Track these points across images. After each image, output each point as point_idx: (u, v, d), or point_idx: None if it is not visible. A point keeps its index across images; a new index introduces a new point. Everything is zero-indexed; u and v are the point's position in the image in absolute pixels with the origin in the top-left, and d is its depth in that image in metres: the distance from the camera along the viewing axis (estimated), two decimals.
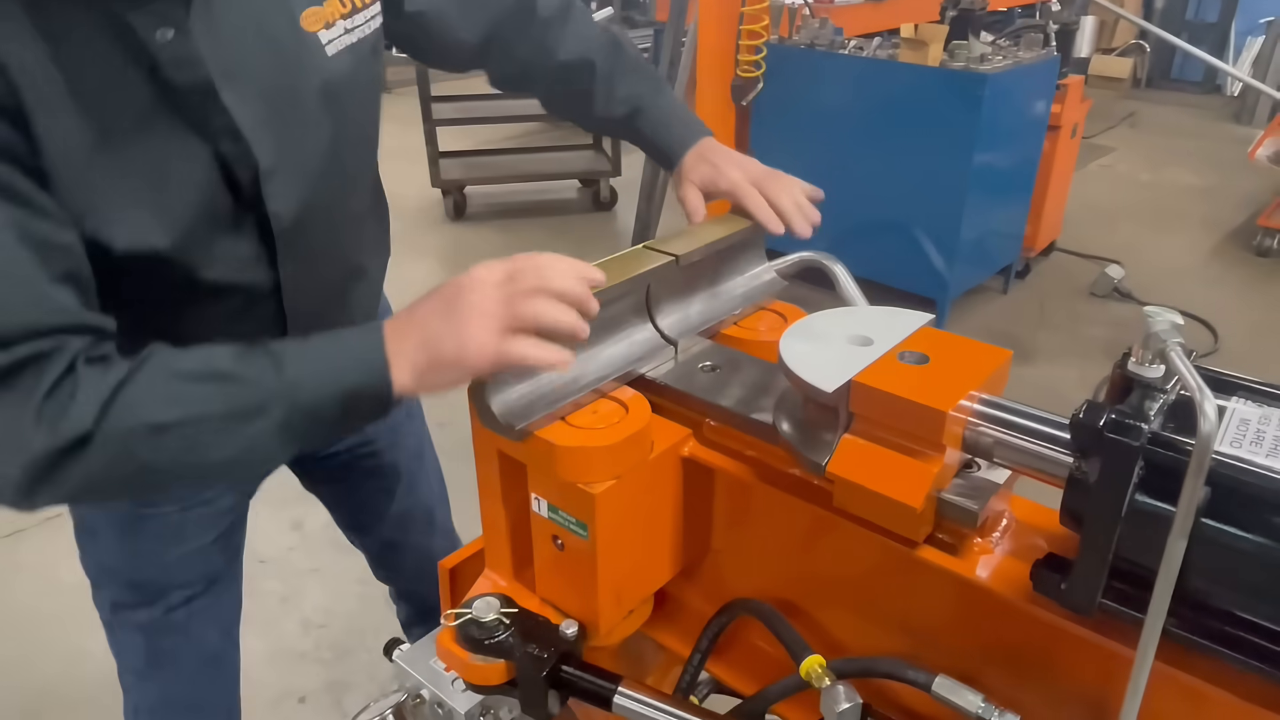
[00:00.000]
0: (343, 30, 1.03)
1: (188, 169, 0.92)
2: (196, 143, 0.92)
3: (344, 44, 1.03)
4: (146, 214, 0.91)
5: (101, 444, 0.77)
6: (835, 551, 0.87)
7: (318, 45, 1.00)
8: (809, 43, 4.02)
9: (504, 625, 0.89)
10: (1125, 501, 0.63)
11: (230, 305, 1.04)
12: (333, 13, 1.02)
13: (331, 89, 1.02)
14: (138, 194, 0.89)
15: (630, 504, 0.86)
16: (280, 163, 0.98)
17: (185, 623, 1.28)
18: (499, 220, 5.48)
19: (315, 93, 1.00)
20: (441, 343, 0.81)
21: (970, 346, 0.82)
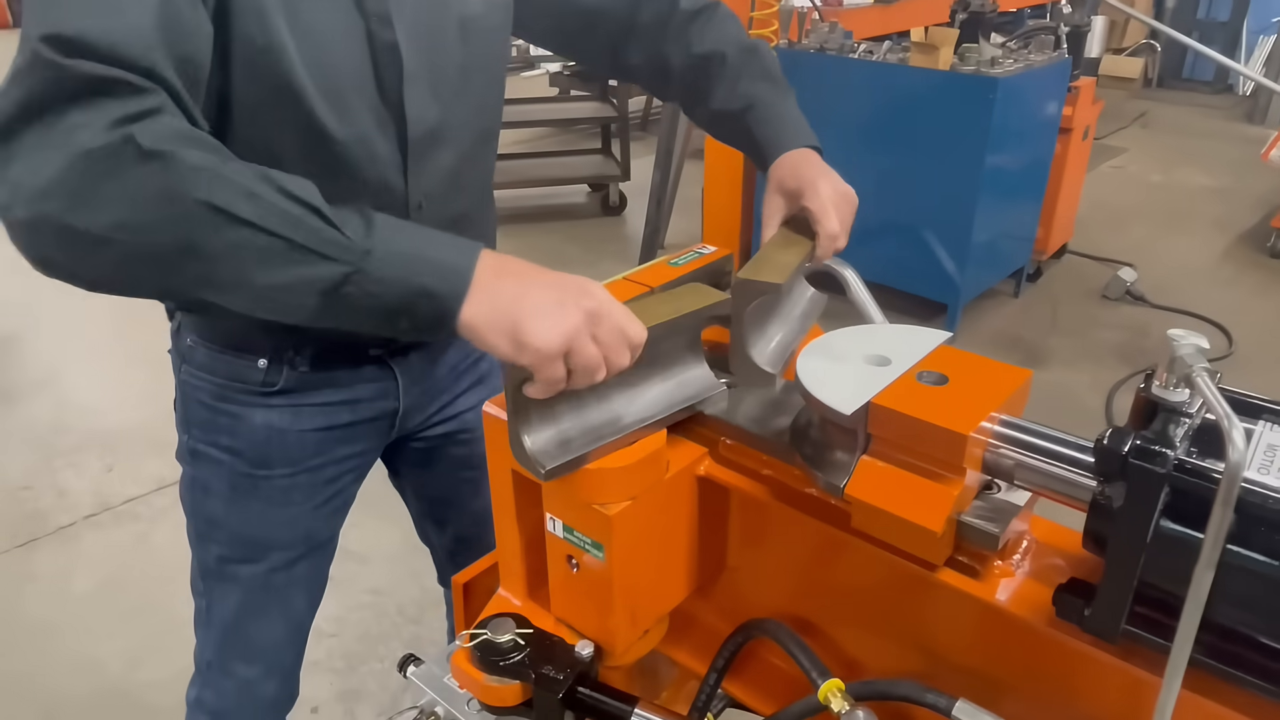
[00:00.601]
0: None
1: (347, 42, 0.98)
2: (356, 17, 0.98)
3: None
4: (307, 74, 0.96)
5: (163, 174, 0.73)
6: (852, 572, 0.87)
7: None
8: (818, 47, 4.01)
9: (519, 646, 0.89)
10: (1150, 528, 0.62)
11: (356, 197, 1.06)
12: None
13: (467, 26, 1.08)
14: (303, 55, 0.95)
15: (646, 524, 0.86)
16: (421, 72, 1.04)
17: (283, 586, 1.33)
18: (509, 225, 5.49)
19: (454, 24, 1.07)
20: (523, 306, 0.78)
21: (989, 366, 0.81)
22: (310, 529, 1.33)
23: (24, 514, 2.90)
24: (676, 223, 4.97)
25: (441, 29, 1.06)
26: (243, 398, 1.20)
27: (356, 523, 2.93)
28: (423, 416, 1.38)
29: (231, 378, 1.20)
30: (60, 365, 3.79)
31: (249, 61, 0.94)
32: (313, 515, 1.32)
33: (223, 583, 1.32)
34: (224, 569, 1.31)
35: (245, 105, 0.97)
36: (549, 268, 0.84)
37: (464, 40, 1.09)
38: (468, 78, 1.11)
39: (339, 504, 1.36)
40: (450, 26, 1.07)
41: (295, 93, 0.96)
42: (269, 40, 0.93)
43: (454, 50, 1.08)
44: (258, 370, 1.19)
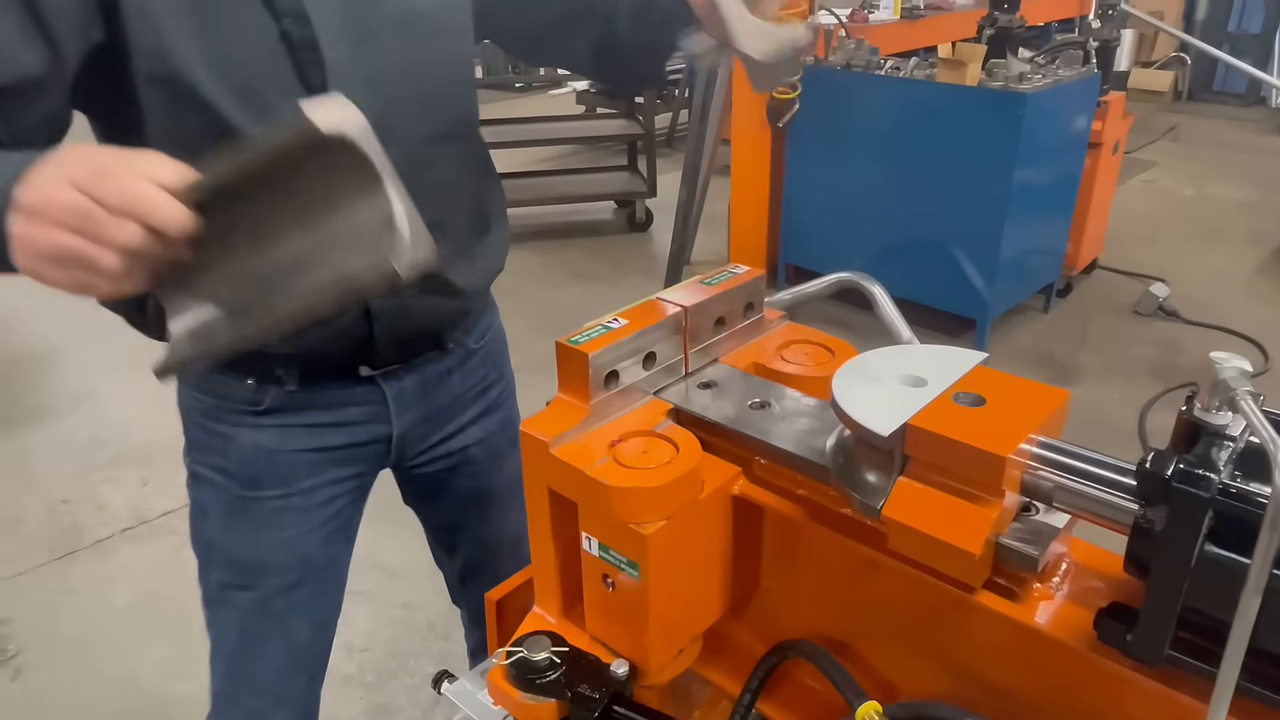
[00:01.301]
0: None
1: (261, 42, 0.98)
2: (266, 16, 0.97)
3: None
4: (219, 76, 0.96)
5: None
6: (888, 593, 0.87)
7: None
8: (845, 63, 4.02)
9: (555, 664, 0.89)
10: (1194, 552, 0.62)
11: None
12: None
13: (409, 24, 1.06)
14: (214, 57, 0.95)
15: (682, 543, 0.86)
16: (350, 70, 1.02)
17: (283, 613, 1.31)
18: (536, 241, 5.53)
19: (390, 20, 1.05)
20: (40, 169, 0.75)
21: (1026, 387, 0.81)
22: (306, 553, 1.31)
23: (62, 528, 2.95)
24: (702, 239, 4.98)
25: (374, 25, 1.05)
26: (233, 417, 1.21)
27: (387, 536, 2.96)
28: (424, 445, 1.37)
29: (222, 396, 1.20)
30: (97, 380, 3.86)
31: (148, 69, 0.95)
32: (308, 539, 1.31)
33: (223, 609, 1.32)
34: (224, 595, 1.31)
35: (155, 112, 0.98)
36: (576, 283, 0.84)
37: (406, 37, 1.07)
38: (412, 76, 1.09)
39: (336, 527, 1.34)
40: (384, 23, 1.05)
41: (202, 98, 0.97)
42: (163, 45, 0.93)
43: (393, 48, 1.06)
44: (246, 389, 1.19)
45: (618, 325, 0.94)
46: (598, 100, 6.92)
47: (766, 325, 1.12)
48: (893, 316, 1.26)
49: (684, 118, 7.05)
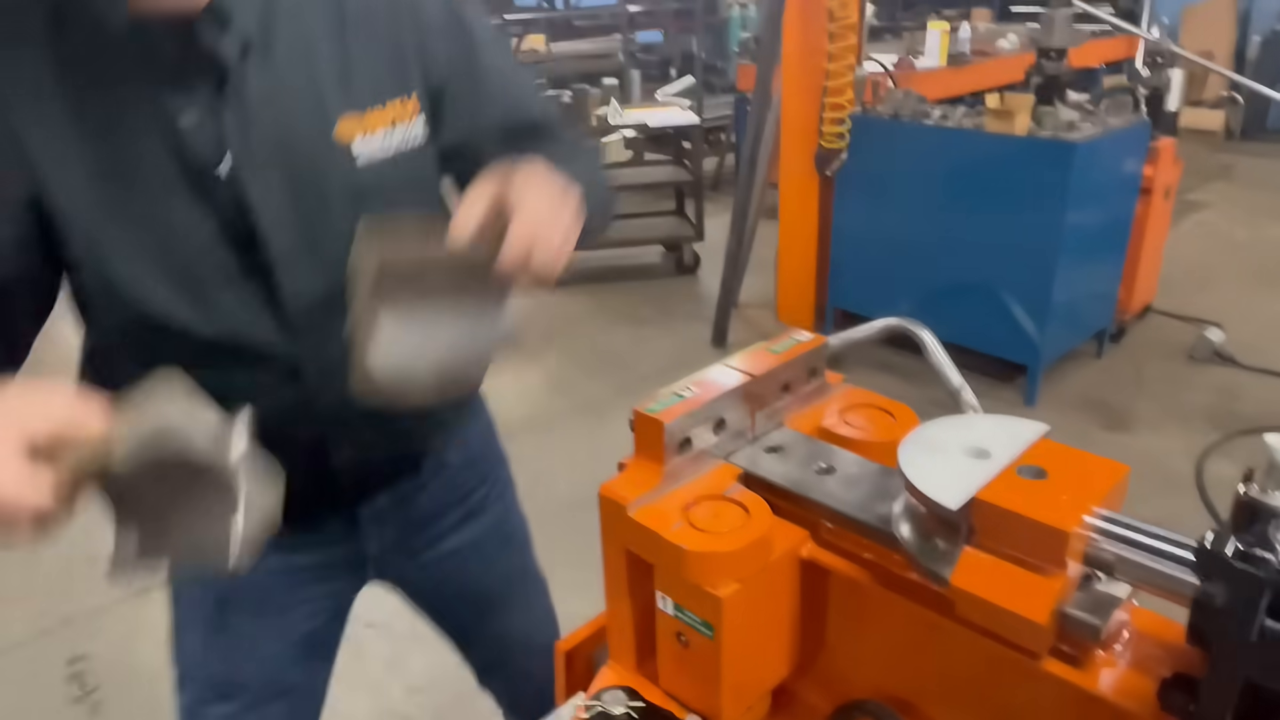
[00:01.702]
0: (379, 144, 1.05)
1: (197, 235, 0.98)
2: (207, 212, 0.97)
3: (380, 156, 1.05)
4: (154, 269, 0.97)
5: None
6: (952, 655, 0.90)
7: (347, 156, 1.03)
8: (893, 113, 4.07)
9: (632, 719, 0.93)
10: (1255, 628, 0.65)
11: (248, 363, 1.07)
12: (372, 125, 1.04)
13: (362, 195, 1.04)
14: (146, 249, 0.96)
15: (754, 604, 0.90)
16: (300, 250, 1.02)
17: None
18: (585, 285, 5.63)
19: (341, 196, 1.03)
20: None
21: (1087, 460, 0.84)
22: (279, 672, 1.31)
23: None
24: (750, 283, 5.03)
25: (323, 201, 1.03)
26: None
27: None
28: (405, 558, 1.36)
29: None
30: None
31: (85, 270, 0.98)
32: (282, 658, 1.30)
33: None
34: (196, 711, 1.30)
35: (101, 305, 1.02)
36: (624, 326, 0.86)
37: (359, 208, 1.01)
38: None
39: (313, 644, 1.34)
40: (335, 199, 1.03)
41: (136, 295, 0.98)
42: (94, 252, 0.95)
43: (343, 219, 1.01)
44: None
45: (690, 394, 1.00)
46: (646, 146, 7.05)
47: (828, 389, 1.17)
48: (942, 362, 1.28)
49: (730, 162, 7.16)
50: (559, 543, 1.73)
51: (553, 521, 3.39)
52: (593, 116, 5.55)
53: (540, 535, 1.67)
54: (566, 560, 1.67)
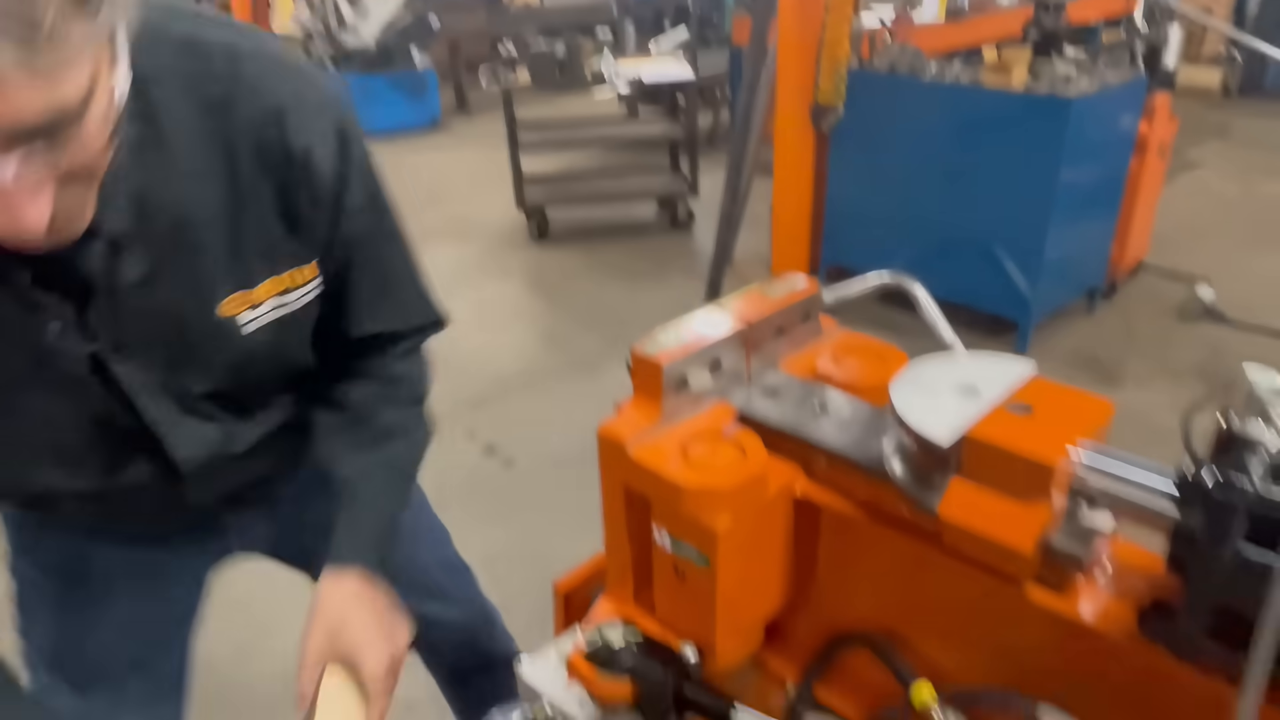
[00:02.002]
0: (271, 308, 1.03)
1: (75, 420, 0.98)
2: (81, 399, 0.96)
3: (269, 319, 1.03)
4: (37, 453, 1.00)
5: None
6: (940, 587, 0.93)
7: (232, 328, 1.01)
8: (890, 67, 4.05)
9: (631, 649, 0.97)
10: (1230, 553, 0.68)
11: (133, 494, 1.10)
12: (262, 296, 1.02)
13: (245, 359, 1.04)
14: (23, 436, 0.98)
15: (748, 540, 0.93)
16: (181, 414, 1.03)
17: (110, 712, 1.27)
18: (580, 241, 5.62)
19: (223, 365, 1.03)
20: None
21: (1072, 396, 0.87)
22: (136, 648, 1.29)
23: None
24: (744, 239, 5.02)
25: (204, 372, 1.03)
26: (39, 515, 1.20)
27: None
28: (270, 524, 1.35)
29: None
30: None
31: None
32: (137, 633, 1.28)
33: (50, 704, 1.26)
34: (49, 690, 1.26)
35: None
36: (619, 282, 0.90)
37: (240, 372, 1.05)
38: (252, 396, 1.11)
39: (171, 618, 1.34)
40: (217, 368, 1.03)
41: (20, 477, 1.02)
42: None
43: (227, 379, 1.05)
44: None
45: (687, 336, 1.02)
46: (640, 100, 6.99)
47: (821, 333, 1.19)
48: (935, 317, 1.31)
49: (725, 117, 7.11)
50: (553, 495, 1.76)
51: (547, 475, 3.44)
52: (586, 68, 5.49)
53: (534, 488, 1.69)
54: (561, 512, 1.69)
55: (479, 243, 5.59)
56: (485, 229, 5.78)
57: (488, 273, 5.22)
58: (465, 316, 4.60)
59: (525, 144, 5.40)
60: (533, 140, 5.54)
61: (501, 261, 5.36)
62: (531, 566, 2.80)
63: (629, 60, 6.32)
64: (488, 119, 8.10)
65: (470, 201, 6.28)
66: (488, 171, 6.48)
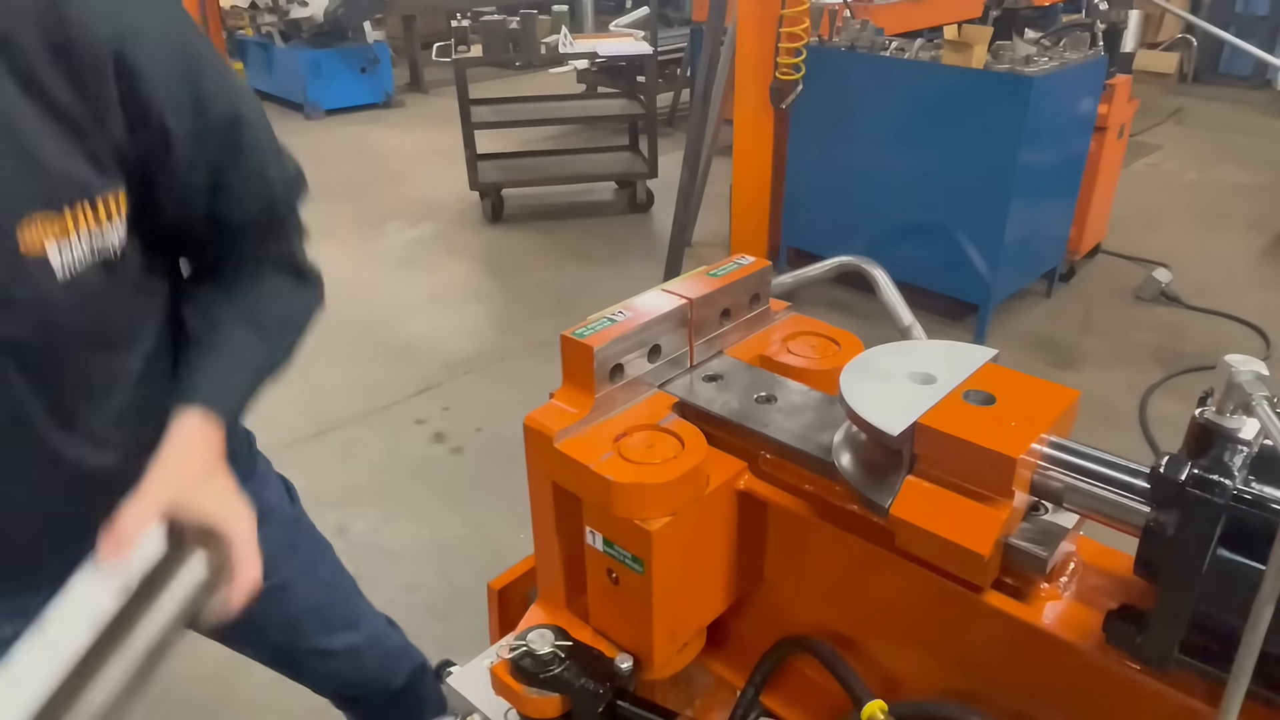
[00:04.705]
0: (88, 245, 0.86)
1: None
2: None
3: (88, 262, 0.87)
4: None
5: None
6: (893, 589, 0.86)
7: (43, 269, 0.84)
8: (850, 44, 3.98)
9: (559, 659, 0.89)
10: (1207, 557, 0.62)
11: None
12: (72, 224, 0.84)
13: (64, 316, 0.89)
14: None
15: (687, 539, 0.86)
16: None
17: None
18: (536, 222, 5.50)
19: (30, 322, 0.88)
20: None
21: (1036, 385, 0.80)
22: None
23: None
24: (704, 220, 4.95)
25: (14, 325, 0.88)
26: None
27: (386, 519, 2.96)
28: None
29: None
30: None
31: None
32: None
33: None
34: None
35: None
36: (575, 264, 0.81)
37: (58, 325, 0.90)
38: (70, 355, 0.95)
39: None
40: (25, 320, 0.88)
41: None
42: None
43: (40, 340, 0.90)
44: None
45: (623, 317, 0.93)
46: (598, 79, 6.86)
47: (772, 316, 1.11)
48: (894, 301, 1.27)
49: (685, 97, 7.01)
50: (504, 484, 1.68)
51: (497, 463, 3.35)
52: (540, 44, 5.36)
53: (484, 477, 1.60)
54: (512, 501, 1.61)
55: (431, 224, 5.45)
56: (438, 210, 5.64)
57: (440, 255, 5.09)
58: (416, 299, 4.47)
59: (480, 122, 5.26)
60: (488, 118, 5.40)
61: (454, 243, 5.23)
62: (480, 559, 2.72)
63: (586, 36, 6.19)
64: (443, 97, 7.92)
65: (422, 181, 6.12)
66: (442, 150, 6.32)
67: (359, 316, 4.14)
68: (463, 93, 5.16)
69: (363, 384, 3.70)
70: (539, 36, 5.33)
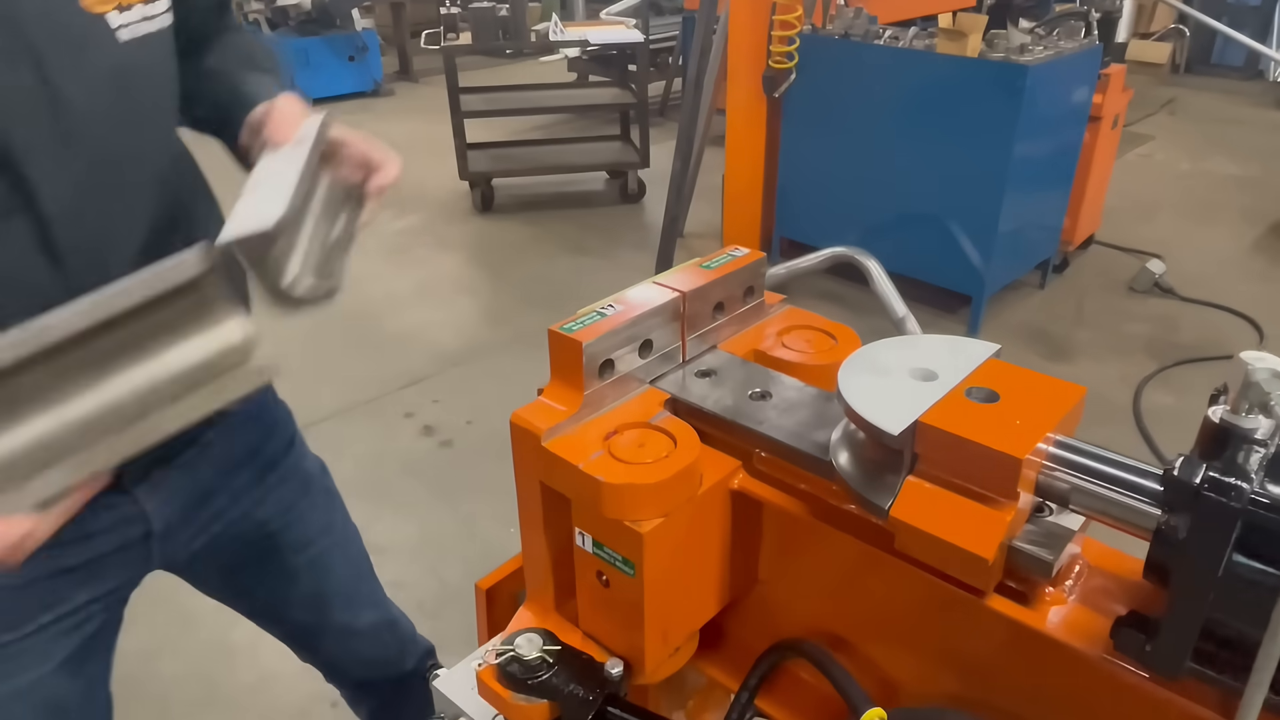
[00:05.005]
0: (140, 16, 0.93)
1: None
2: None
3: (141, 31, 0.93)
4: None
5: None
6: (892, 591, 0.83)
7: (105, 30, 0.90)
8: (843, 33, 3.95)
9: (547, 664, 0.86)
10: (1222, 563, 0.59)
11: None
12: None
13: (123, 77, 0.93)
14: None
15: (679, 540, 0.83)
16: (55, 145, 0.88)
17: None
18: (526, 212, 5.46)
19: (104, 78, 0.91)
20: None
21: (1041, 382, 0.77)
22: (54, 695, 1.11)
23: None
24: (696, 211, 4.92)
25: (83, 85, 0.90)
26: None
27: (376, 514, 2.92)
28: (190, 526, 1.19)
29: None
30: None
31: None
32: (56, 678, 1.10)
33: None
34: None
35: None
36: (566, 256, 0.79)
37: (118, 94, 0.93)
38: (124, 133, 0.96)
39: (89, 652, 1.15)
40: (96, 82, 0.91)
41: None
42: None
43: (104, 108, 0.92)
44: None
45: (613, 311, 0.90)
46: (590, 68, 6.81)
47: (766, 309, 1.08)
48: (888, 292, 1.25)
49: (677, 86, 6.96)
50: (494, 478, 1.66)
51: (488, 457, 3.31)
52: (531, 32, 5.30)
53: (474, 471, 1.58)
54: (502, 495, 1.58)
55: (421, 214, 5.40)
56: (427, 200, 5.59)
57: (429, 246, 5.04)
58: (405, 291, 4.42)
59: (470, 111, 5.21)
60: (477, 107, 5.34)
61: (444, 234, 5.18)
62: (470, 554, 2.69)
63: (577, 24, 6.13)
64: (432, 85, 7.86)
65: (411, 171, 6.01)
66: (431, 140, 6.26)
67: (346, 307, 4.08)
68: (452, 81, 5.11)
69: (350, 376, 3.67)
70: (529, 24, 5.28)
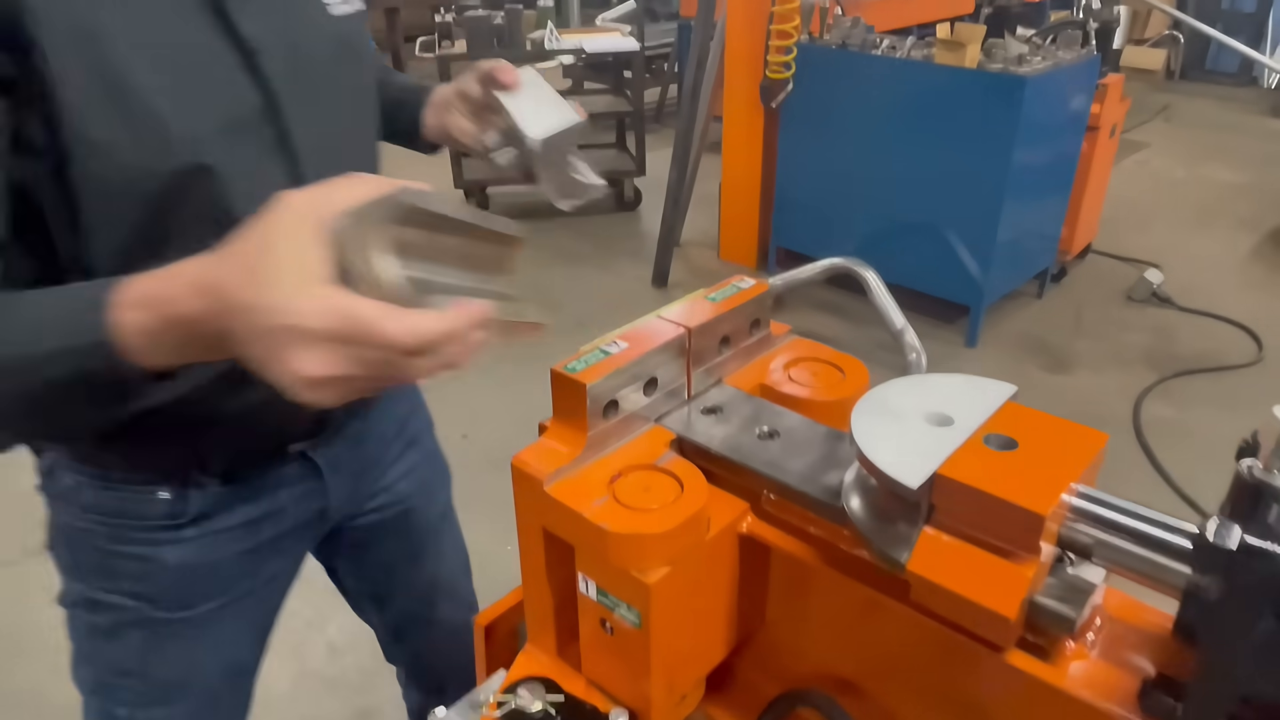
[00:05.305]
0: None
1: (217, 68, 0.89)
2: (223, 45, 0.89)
3: (347, 9, 1.04)
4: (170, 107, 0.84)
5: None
6: (905, 641, 0.81)
7: (321, 2, 1.01)
8: (841, 42, 3.93)
9: (550, 717, 0.83)
10: (1256, 629, 0.57)
11: None
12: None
13: (340, 48, 1.02)
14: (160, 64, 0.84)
15: (686, 588, 0.80)
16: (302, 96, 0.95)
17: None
18: (522, 220, 5.39)
19: (328, 46, 1.00)
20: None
21: (1060, 427, 0.75)
22: (237, 658, 1.21)
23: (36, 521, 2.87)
24: (693, 219, 4.90)
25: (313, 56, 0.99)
26: (146, 536, 1.04)
27: None
28: (352, 501, 1.26)
29: (128, 516, 1.03)
30: None
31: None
32: (239, 644, 1.20)
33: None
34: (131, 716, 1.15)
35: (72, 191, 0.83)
36: (562, 264, 0.77)
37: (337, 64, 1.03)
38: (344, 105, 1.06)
39: (268, 623, 1.25)
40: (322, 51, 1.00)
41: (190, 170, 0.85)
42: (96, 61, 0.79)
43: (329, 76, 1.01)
44: (159, 503, 1.02)
45: (616, 349, 0.88)
46: (585, 75, 6.78)
47: (773, 340, 1.06)
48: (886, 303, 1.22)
49: (674, 93, 6.94)
50: (488, 495, 1.63)
51: (485, 469, 3.27)
52: (526, 39, 5.28)
53: (469, 485, 1.56)
54: (495, 513, 1.56)
55: None
56: None
57: None
58: None
59: None
60: None
61: None
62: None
63: (572, 32, 6.11)
64: None
65: (405, 178, 6.01)
66: None
67: None
68: None
69: None
70: (524, 32, 5.25)
